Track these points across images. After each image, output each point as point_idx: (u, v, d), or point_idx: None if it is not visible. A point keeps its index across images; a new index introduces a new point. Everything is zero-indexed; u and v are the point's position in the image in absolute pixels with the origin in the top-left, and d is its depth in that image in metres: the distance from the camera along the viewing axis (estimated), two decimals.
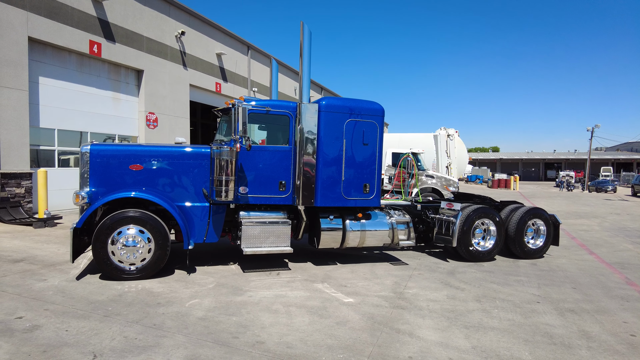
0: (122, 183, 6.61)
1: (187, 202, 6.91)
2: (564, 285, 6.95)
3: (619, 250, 10.51)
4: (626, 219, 18.02)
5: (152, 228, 6.30)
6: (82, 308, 5.06)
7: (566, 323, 5.18)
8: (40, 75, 13.30)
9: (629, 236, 12.84)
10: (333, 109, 7.33)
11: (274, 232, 7.14)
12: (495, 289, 6.57)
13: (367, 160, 7.61)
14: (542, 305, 5.87)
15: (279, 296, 5.82)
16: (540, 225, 9.18)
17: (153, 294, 5.71)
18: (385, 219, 8.05)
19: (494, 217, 8.63)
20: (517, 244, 8.90)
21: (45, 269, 6.80)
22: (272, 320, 4.91)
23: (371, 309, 5.45)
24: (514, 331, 4.86)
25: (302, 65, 7.14)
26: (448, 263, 8.36)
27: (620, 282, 7.30)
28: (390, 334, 4.64)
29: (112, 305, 5.17)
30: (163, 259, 6.41)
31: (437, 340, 4.52)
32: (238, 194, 7.03)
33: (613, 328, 5.08)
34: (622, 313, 5.66)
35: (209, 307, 5.25)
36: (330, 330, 4.67)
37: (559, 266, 8.42)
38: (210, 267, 7.28)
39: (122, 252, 6.16)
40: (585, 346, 4.51)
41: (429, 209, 9.28)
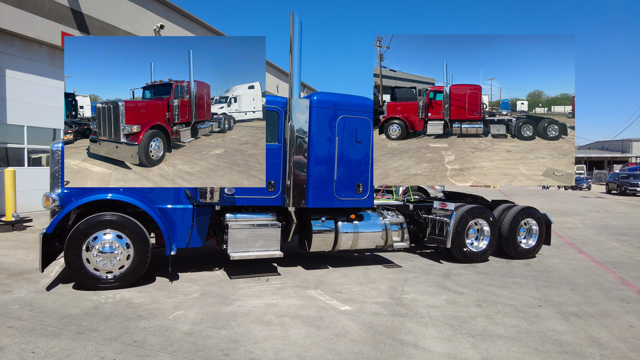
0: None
1: (168, 204, 6.42)
2: (562, 287, 6.80)
3: (606, 248, 10.53)
4: (606, 216, 18.33)
5: (130, 233, 5.80)
6: (53, 324, 4.54)
7: (573, 329, 4.98)
8: (7, 68, 12.45)
9: (613, 234, 12.96)
10: (325, 104, 6.96)
11: (262, 235, 6.74)
12: (494, 292, 6.35)
13: (360, 159, 7.28)
14: (545, 309, 5.67)
15: (271, 305, 5.43)
16: (532, 225, 9.06)
17: (133, 305, 5.22)
18: (378, 220, 7.75)
19: (487, 217, 8.45)
20: (510, 244, 8.75)
21: (10, 279, 6.20)
22: (266, 333, 4.52)
23: (370, 317, 5.12)
24: (522, 339, 4.61)
25: (293, 59, 6.73)
26: (442, 265, 8.13)
27: (616, 283, 7.21)
28: (394, 346, 4.32)
29: (86, 320, 4.67)
30: (143, 266, 5.92)
31: (444, 352, 4.23)
32: (224, 195, 6.59)
33: (621, 333, 4.90)
34: (625, 316, 5.51)
35: (195, 320, 4.81)
36: (329, 344, 4.31)
37: (552, 266, 8.30)
38: (194, 274, 6.82)
39: (98, 260, 5.64)
40: (598, 354, 4.30)
41: (421, 209, 9.03)
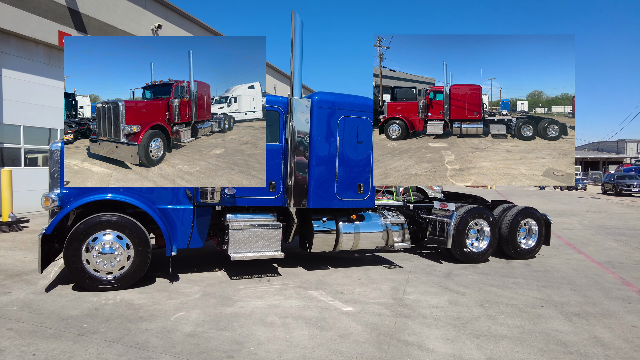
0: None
1: (168, 204, 6.37)
2: (563, 287, 6.80)
3: (605, 248, 10.56)
4: (602, 216, 18.40)
5: (131, 233, 5.75)
6: (53, 326, 4.48)
7: (576, 329, 4.97)
8: (3, 68, 12.34)
9: (611, 234, 13.00)
10: (326, 104, 6.94)
11: (263, 235, 6.70)
12: (496, 293, 6.34)
13: (361, 159, 7.26)
14: (547, 309, 5.67)
15: (273, 306, 5.39)
16: (532, 225, 9.07)
17: (134, 306, 5.17)
18: (379, 221, 7.73)
19: (487, 217, 8.45)
20: (510, 245, 8.75)
21: (9, 280, 6.12)
22: (269, 334, 4.48)
23: (373, 318, 5.09)
24: (525, 340, 4.60)
25: (294, 59, 6.70)
26: (442, 265, 8.12)
27: (616, 283, 7.22)
28: (399, 347, 4.29)
29: (87, 322, 4.62)
30: (143, 267, 5.87)
31: (448, 352, 4.21)
32: (225, 195, 6.55)
33: (624, 333, 4.90)
34: (627, 316, 5.52)
35: (197, 321, 4.77)
36: (333, 345, 4.28)
37: (552, 266, 8.31)
38: (195, 275, 6.77)
39: (98, 260, 5.58)
40: (602, 355, 4.29)
41: (421, 209, 9.02)
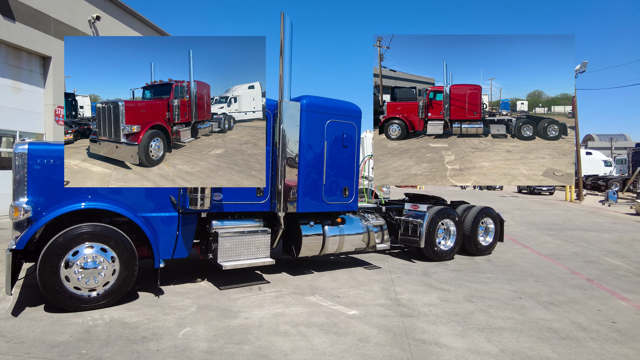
0: (64, 191, 5.33)
1: (150, 211, 5.91)
2: (528, 279, 7.51)
3: (543, 242, 11.82)
4: (527, 213, 20.51)
5: (116, 245, 5.24)
6: (44, 356, 3.94)
7: (557, 317, 5.53)
8: None
9: (541, 229, 14.57)
10: (315, 108, 6.93)
11: (253, 242, 6.50)
12: (476, 288, 6.81)
13: (347, 163, 7.37)
14: (525, 300, 6.22)
15: (278, 315, 5.26)
16: (489, 224, 9.88)
17: (129, 325, 4.72)
18: (360, 223, 7.88)
19: (454, 217, 9.03)
20: (472, 242, 9.43)
21: None
22: (290, 344, 4.38)
23: (381, 320, 5.20)
24: (522, 329, 5.02)
25: (283, 61, 6.60)
26: (416, 264, 8.51)
27: (567, 273, 8.14)
28: (419, 346, 4.44)
29: (84, 347, 4.13)
30: (130, 281, 5.38)
31: (465, 347, 4.45)
32: (212, 201, 6.23)
33: (594, 317, 5.56)
34: (589, 302, 6.26)
35: (209, 337, 4.50)
36: (358, 349, 4.31)
37: (510, 261, 9.12)
38: (179, 287, 6.35)
39: (79, 277, 5.00)
40: (589, 337, 4.84)
41: (392, 210, 9.36)
